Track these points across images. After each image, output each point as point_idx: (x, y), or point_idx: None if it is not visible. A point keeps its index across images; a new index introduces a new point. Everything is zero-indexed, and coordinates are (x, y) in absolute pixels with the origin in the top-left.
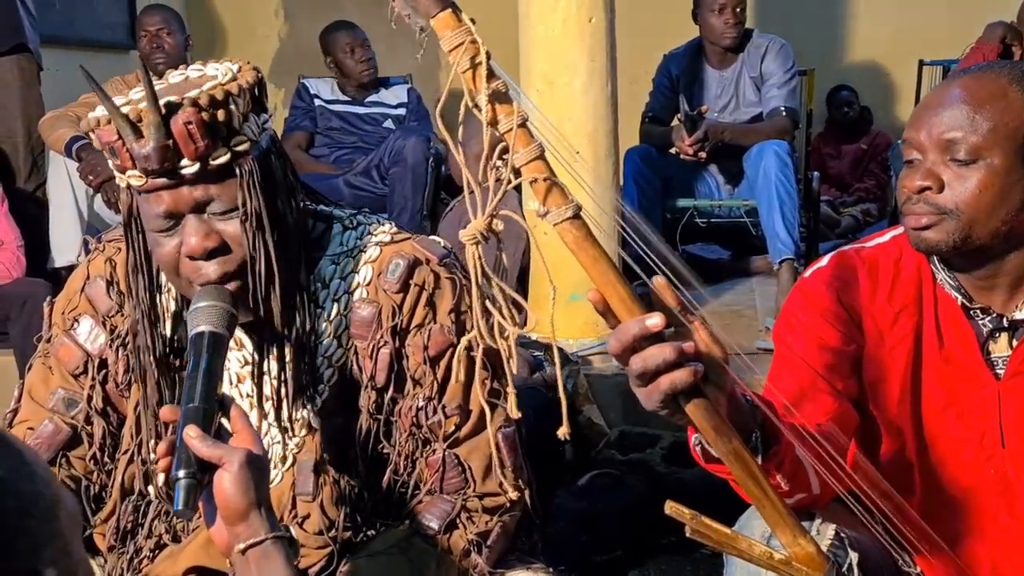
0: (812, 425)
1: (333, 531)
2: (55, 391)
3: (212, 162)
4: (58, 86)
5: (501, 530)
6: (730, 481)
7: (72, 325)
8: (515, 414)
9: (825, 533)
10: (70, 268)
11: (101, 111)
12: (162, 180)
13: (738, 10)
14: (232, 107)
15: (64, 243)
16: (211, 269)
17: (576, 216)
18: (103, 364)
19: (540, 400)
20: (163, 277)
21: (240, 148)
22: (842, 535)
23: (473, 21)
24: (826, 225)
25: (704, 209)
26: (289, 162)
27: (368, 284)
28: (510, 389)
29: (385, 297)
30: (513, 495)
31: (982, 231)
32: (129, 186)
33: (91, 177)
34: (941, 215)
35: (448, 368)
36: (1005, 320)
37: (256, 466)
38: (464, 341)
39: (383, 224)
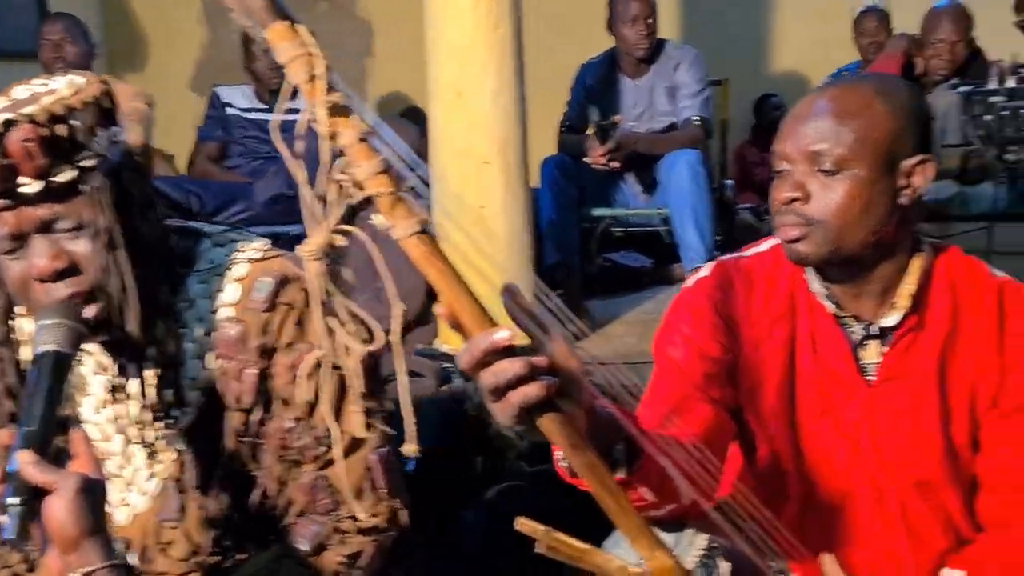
0: (688, 436)
1: (199, 556)
2: None
3: (55, 180)
4: None
5: (375, 550)
6: None
7: None
8: (362, 435)
9: (696, 543)
10: None
11: None
12: (2, 201)
13: (649, 21)
14: (74, 122)
15: None
16: (62, 291)
17: (423, 231)
18: None
19: (448, 413)
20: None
21: (86, 164)
22: (714, 544)
23: (313, 34)
24: (747, 232)
25: (620, 218)
26: (147, 176)
27: (235, 303)
28: (353, 408)
29: (252, 316)
30: (386, 516)
31: (850, 242)
32: None
33: None
34: (809, 226)
35: (317, 389)
36: (874, 328)
37: (92, 492)
38: (312, 360)
39: (255, 241)
